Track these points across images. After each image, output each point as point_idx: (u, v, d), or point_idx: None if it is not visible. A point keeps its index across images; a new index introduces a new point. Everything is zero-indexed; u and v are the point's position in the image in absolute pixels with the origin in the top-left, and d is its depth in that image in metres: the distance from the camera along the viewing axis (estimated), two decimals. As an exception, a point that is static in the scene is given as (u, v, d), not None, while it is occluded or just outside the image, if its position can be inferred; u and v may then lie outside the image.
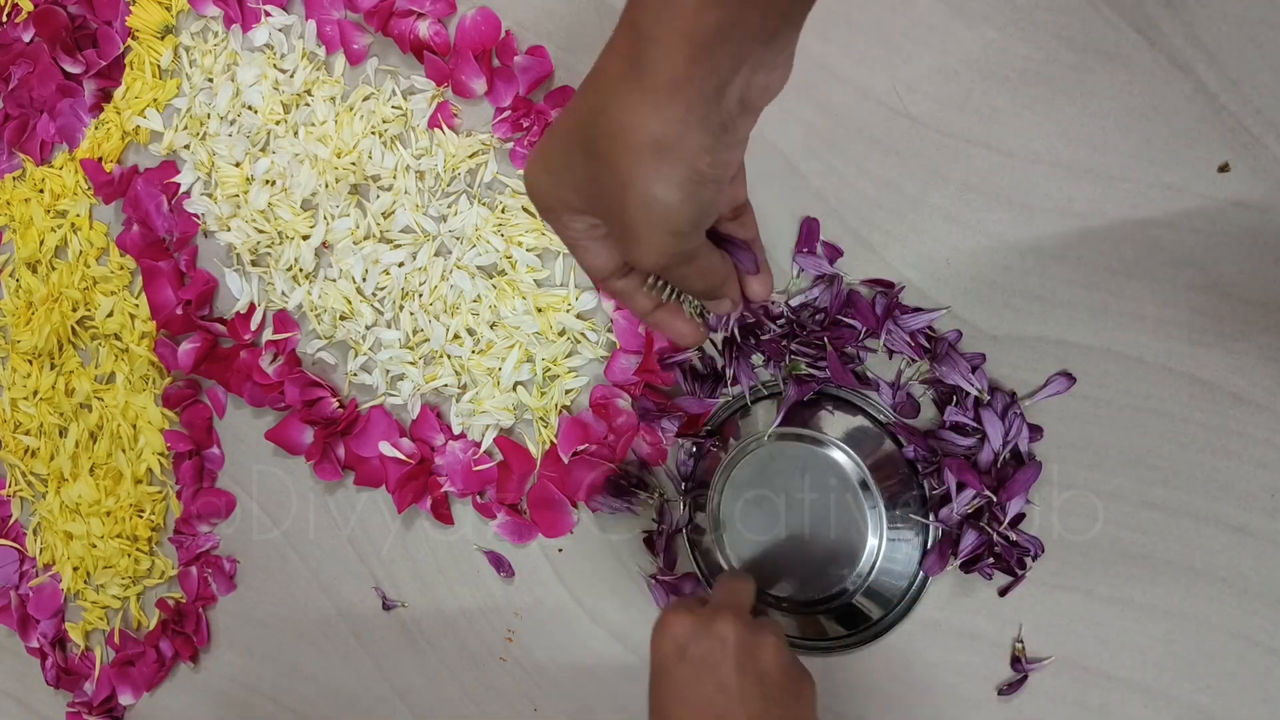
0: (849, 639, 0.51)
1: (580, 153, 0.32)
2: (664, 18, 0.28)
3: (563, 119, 0.33)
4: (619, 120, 0.30)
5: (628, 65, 0.29)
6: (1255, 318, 0.45)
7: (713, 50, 0.28)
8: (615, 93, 0.30)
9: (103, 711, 0.71)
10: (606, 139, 0.30)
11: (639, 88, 0.29)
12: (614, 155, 0.30)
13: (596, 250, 0.36)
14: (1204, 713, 0.46)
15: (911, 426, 0.50)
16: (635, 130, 0.29)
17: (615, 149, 0.30)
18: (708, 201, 0.32)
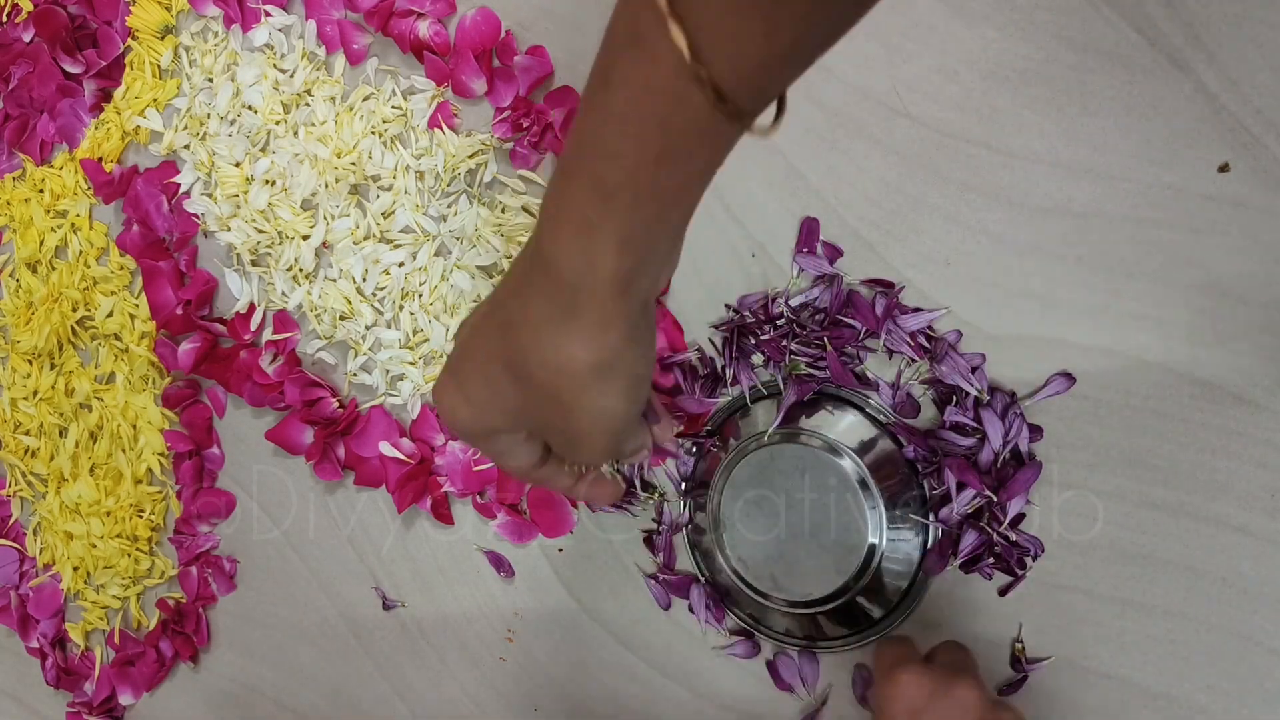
0: (849, 638, 0.51)
1: (510, 383, 0.34)
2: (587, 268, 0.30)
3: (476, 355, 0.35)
4: (557, 357, 0.32)
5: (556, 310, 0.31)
6: (1255, 318, 0.45)
7: (632, 283, 0.31)
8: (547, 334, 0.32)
9: (103, 711, 0.71)
10: (545, 371, 0.32)
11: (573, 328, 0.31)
12: (556, 384, 0.32)
13: (518, 454, 0.38)
14: (1204, 713, 0.46)
15: (911, 426, 0.50)
16: (575, 361, 0.32)
17: (557, 379, 0.32)
18: (644, 394, 0.35)
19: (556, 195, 0.30)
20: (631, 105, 0.26)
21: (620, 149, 0.27)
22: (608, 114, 0.27)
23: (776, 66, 0.26)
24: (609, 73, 0.27)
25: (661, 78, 0.26)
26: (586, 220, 0.29)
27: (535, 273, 0.31)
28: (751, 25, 0.25)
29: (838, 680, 0.52)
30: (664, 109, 0.26)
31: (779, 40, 0.25)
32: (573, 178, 0.29)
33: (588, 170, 0.28)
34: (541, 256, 0.31)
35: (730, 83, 0.25)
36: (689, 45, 0.24)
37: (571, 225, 0.29)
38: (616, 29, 0.27)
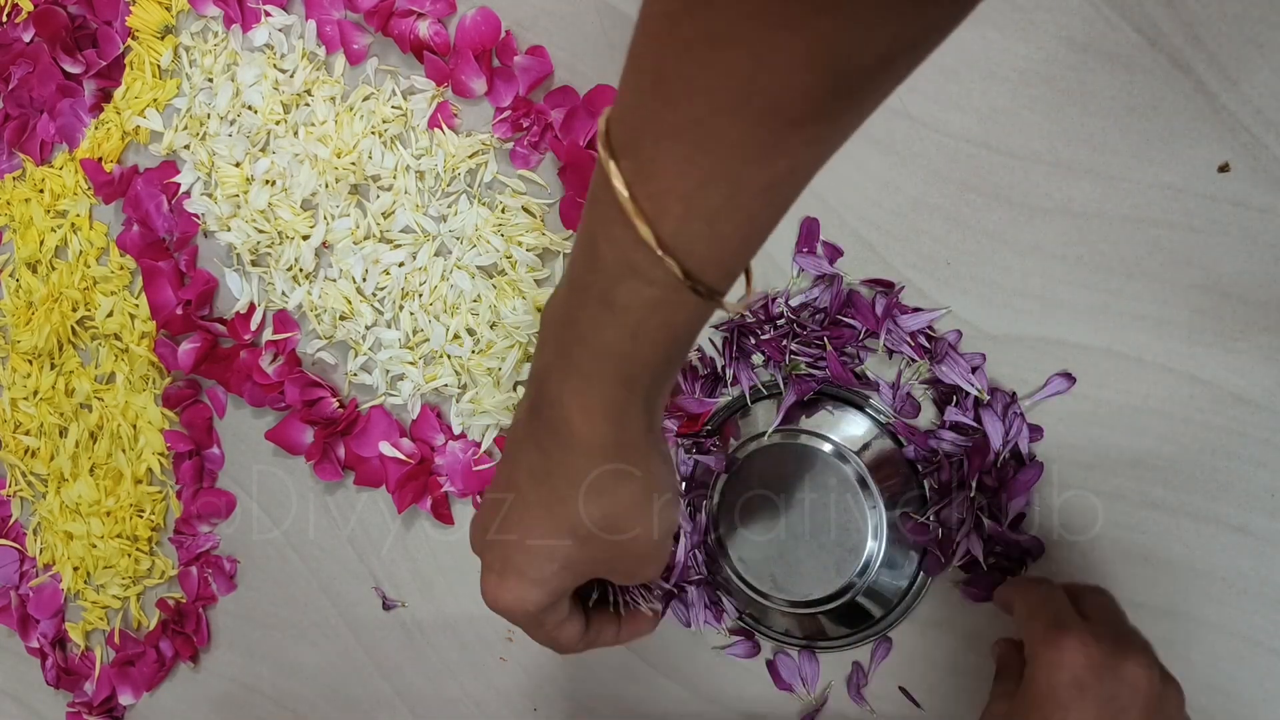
0: (849, 638, 0.51)
1: (571, 543, 0.37)
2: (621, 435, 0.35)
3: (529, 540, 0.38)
4: (617, 504, 0.36)
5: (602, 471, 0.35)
6: (1255, 318, 0.45)
7: (655, 424, 0.36)
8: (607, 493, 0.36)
9: (103, 711, 0.71)
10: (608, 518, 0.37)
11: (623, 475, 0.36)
12: (619, 524, 0.37)
13: (568, 628, 0.41)
14: (1204, 713, 0.46)
15: (912, 426, 0.50)
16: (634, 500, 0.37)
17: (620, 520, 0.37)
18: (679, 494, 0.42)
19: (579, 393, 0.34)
20: (640, 321, 0.31)
21: (636, 351, 0.32)
22: (619, 329, 0.32)
23: (750, 254, 0.31)
24: (610, 296, 0.31)
25: (661, 294, 0.30)
26: (616, 405, 0.34)
27: (570, 457, 0.35)
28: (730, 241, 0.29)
29: (838, 680, 0.52)
30: (667, 316, 0.31)
31: (754, 243, 0.31)
32: (597, 379, 0.33)
33: (611, 372, 0.33)
34: (572, 442, 0.35)
35: (716, 282, 0.30)
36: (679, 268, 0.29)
37: (601, 413, 0.34)
38: (606, 259, 0.30)
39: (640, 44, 0.27)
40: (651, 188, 0.28)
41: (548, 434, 0.35)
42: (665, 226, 0.28)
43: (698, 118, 0.26)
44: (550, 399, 0.35)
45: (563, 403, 0.34)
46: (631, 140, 0.28)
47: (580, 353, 0.33)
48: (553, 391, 0.34)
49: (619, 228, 0.29)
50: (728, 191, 0.28)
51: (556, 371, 0.34)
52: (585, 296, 0.32)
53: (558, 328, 0.34)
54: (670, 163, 0.27)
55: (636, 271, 0.30)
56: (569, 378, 0.34)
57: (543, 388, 0.35)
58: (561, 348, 0.34)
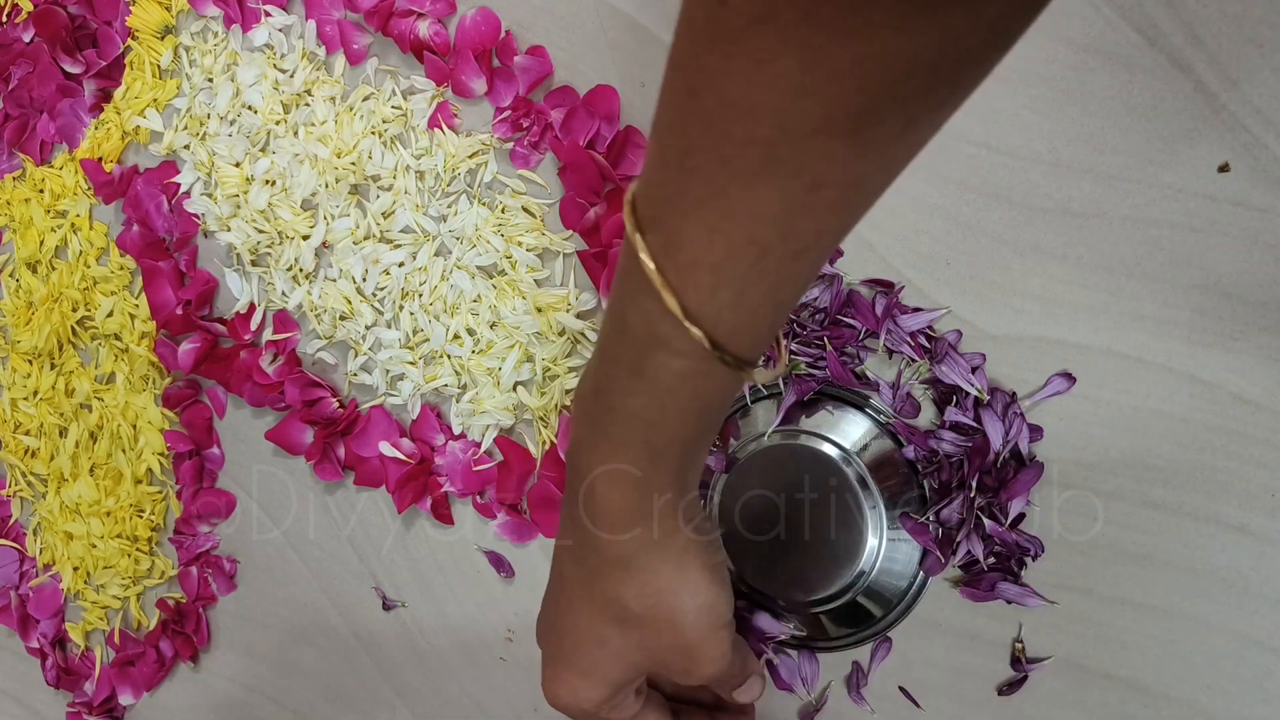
0: (849, 638, 0.51)
1: (619, 634, 0.37)
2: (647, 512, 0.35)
3: (579, 631, 0.38)
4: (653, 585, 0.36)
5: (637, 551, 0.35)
6: (1255, 318, 0.45)
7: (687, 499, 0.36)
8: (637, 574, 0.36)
9: (103, 711, 0.71)
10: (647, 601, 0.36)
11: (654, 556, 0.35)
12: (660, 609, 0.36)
13: (629, 706, 0.40)
14: (1204, 713, 0.46)
15: (912, 426, 0.50)
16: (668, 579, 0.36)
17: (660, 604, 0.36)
18: (727, 576, 0.39)
19: (607, 462, 0.33)
20: (670, 391, 0.31)
21: (664, 420, 0.32)
22: (648, 398, 0.31)
23: (779, 322, 0.31)
24: (639, 366, 0.31)
25: (690, 365, 0.30)
26: (644, 477, 0.33)
27: (598, 530, 0.35)
28: (759, 309, 0.29)
29: (838, 680, 0.52)
30: (696, 387, 0.31)
31: (783, 310, 0.30)
32: (624, 447, 0.33)
33: (638, 440, 0.33)
34: (599, 513, 0.35)
35: (745, 350, 0.30)
36: (707, 339, 0.29)
37: (628, 484, 0.34)
38: (636, 330, 0.30)
39: (662, 116, 0.27)
40: (679, 259, 0.28)
41: (580, 509, 0.35)
42: (692, 298, 0.28)
43: (721, 188, 0.26)
44: (580, 472, 0.35)
45: (592, 472, 0.34)
46: (658, 214, 0.28)
47: (609, 422, 0.33)
48: (582, 464, 0.34)
49: (647, 299, 0.29)
50: (755, 259, 0.27)
51: (586, 444, 0.34)
52: (615, 368, 0.32)
53: (588, 400, 0.34)
54: (697, 234, 0.27)
55: (664, 343, 0.30)
56: (597, 448, 0.34)
57: (576, 463, 0.35)
58: (591, 419, 0.34)
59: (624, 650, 0.37)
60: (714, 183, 0.26)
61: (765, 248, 0.27)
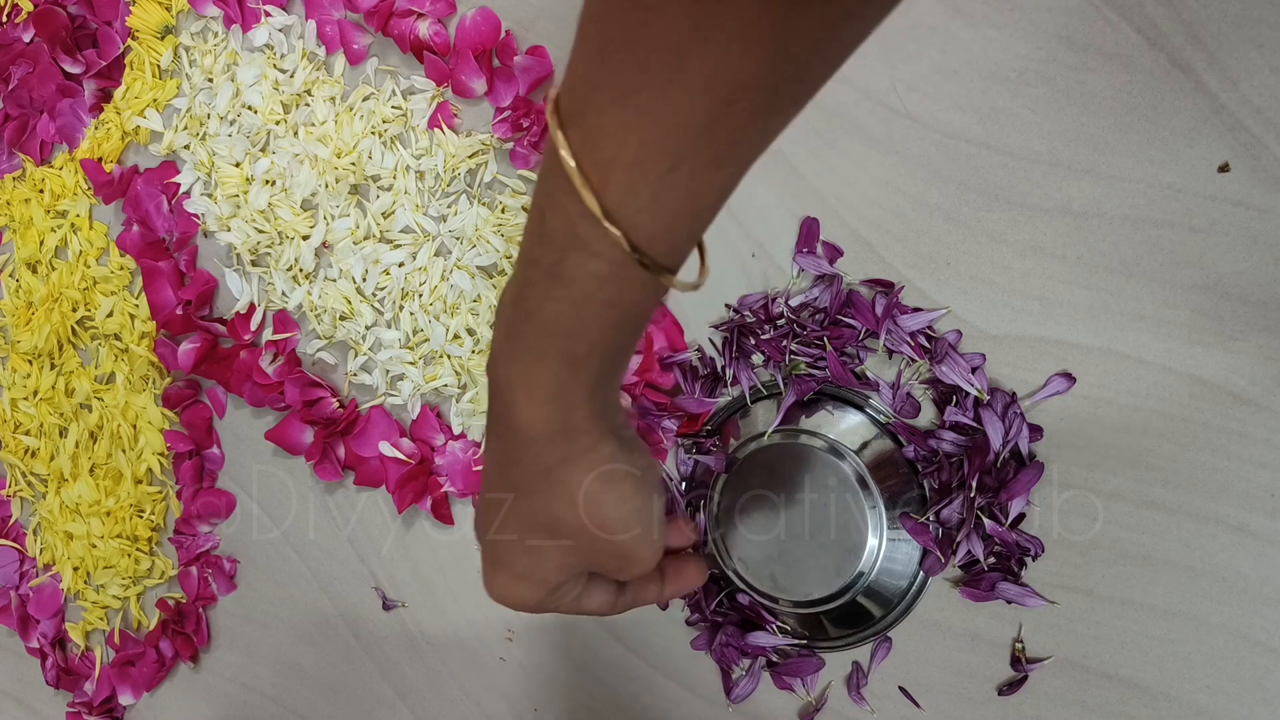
0: (849, 637, 0.51)
1: (548, 540, 0.37)
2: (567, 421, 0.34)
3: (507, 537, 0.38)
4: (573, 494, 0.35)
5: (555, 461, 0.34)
6: (1255, 318, 0.45)
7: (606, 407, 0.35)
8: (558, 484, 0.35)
9: (103, 711, 0.71)
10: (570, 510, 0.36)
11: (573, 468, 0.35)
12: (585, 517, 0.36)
13: (594, 595, 0.40)
14: (1204, 713, 0.46)
15: (912, 426, 0.50)
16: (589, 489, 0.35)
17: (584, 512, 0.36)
18: (657, 479, 0.39)
19: (524, 373, 0.33)
20: (587, 295, 0.30)
21: (582, 328, 0.31)
22: (566, 303, 0.31)
23: (699, 230, 0.31)
24: (557, 269, 0.30)
25: (608, 268, 0.30)
26: (560, 387, 0.33)
27: (518, 445, 0.34)
28: (676, 215, 0.29)
29: (838, 680, 0.52)
30: (615, 291, 0.30)
31: (701, 219, 0.30)
32: (541, 357, 0.32)
33: (555, 350, 0.32)
34: (518, 427, 0.34)
35: (664, 255, 0.30)
36: (625, 240, 0.29)
37: (544, 395, 0.33)
38: (554, 231, 0.30)
39: (586, 12, 0.27)
40: (597, 156, 0.28)
41: (500, 422, 0.35)
42: (610, 197, 0.28)
43: (637, 86, 0.26)
44: (499, 385, 0.34)
45: (510, 387, 0.33)
46: (579, 110, 0.28)
47: (527, 330, 0.32)
48: (501, 377, 0.34)
49: (566, 198, 0.29)
50: (671, 163, 0.27)
51: (504, 355, 0.33)
52: (533, 272, 0.31)
53: (508, 308, 0.33)
54: (614, 131, 0.27)
55: (583, 244, 0.29)
56: (516, 359, 0.33)
57: (494, 375, 0.34)
58: (510, 328, 0.33)
59: (557, 555, 0.37)
60: (629, 82, 0.26)
61: (679, 153, 0.27)
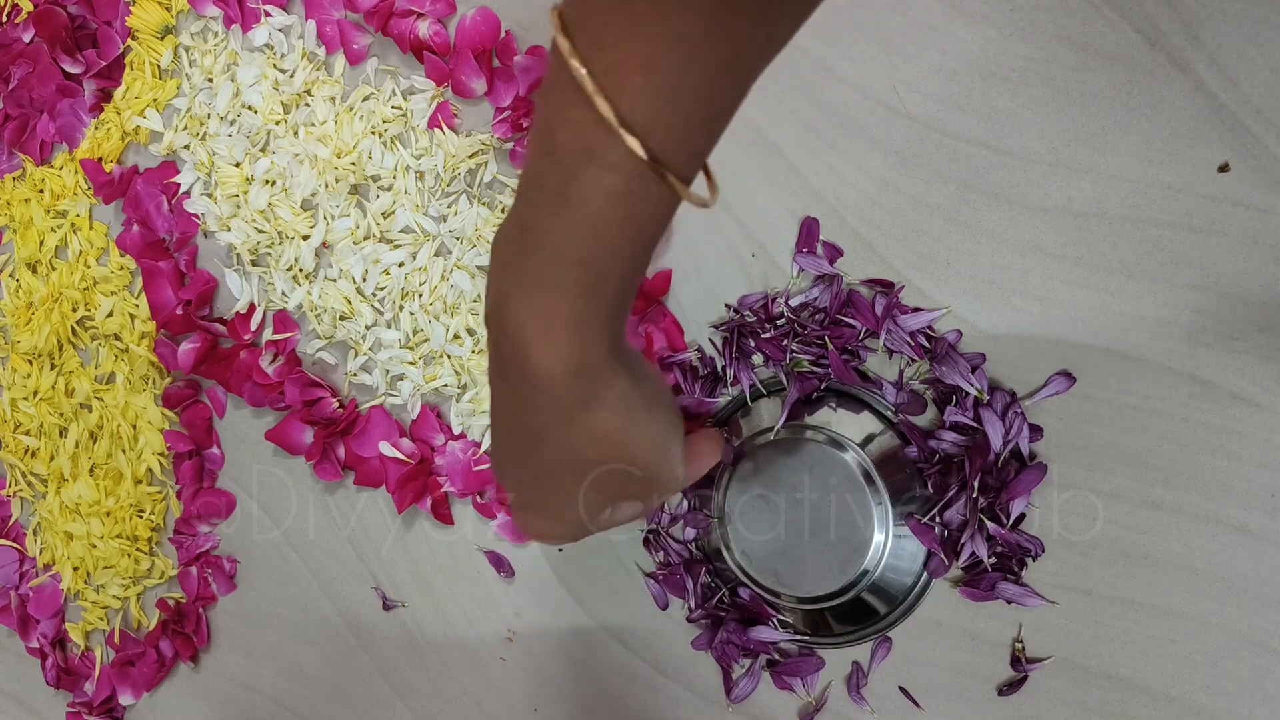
0: (853, 635, 0.51)
1: (575, 479, 0.36)
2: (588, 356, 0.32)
3: (532, 482, 0.37)
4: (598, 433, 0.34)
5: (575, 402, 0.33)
6: (1255, 318, 0.45)
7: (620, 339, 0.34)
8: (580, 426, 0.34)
9: (103, 711, 0.71)
10: (596, 449, 0.35)
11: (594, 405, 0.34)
12: (610, 453, 0.35)
13: (621, 510, 0.39)
14: (1204, 713, 0.46)
15: (915, 425, 0.50)
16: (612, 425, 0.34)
17: (609, 449, 0.35)
18: (668, 400, 0.38)
19: (538, 310, 0.31)
20: (601, 214, 0.29)
21: (597, 251, 0.30)
22: (580, 226, 0.29)
23: (711, 140, 0.30)
24: (567, 189, 0.29)
25: (623, 181, 0.28)
26: (580, 321, 0.31)
27: (536, 391, 0.33)
28: (691, 120, 0.28)
29: (838, 680, 0.52)
30: (630, 208, 0.29)
31: (714, 126, 0.29)
32: (555, 289, 0.30)
33: (570, 279, 0.30)
34: (533, 370, 0.32)
35: (680, 166, 0.28)
36: (642, 147, 0.27)
37: (562, 330, 0.31)
38: (564, 148, 0.28)
39: None
40: (607, 58, 0.27)
41: (510, 367, 0.33)
42: (624, 102, 0.27)
43: None
44: (508, 328, 0.32)
45: (522, 328, 0.31)
46: (585, 12, 0.27)
47: (537, 262, 0.30)
48: (510, 318, 0.31)
49: (576, 109, 0.27)
50: (683, 63, 0.27)
51: (513, 294, 0.31)
52: (541, 196, 0.30)
53: (511, 244, 0.31)
54: (624, 30, 0.26)
55: (596, 157, 0.28)
56: (526, 294, 0.31)
57: (500, 319, 0.32)
58: (516, 264, 0.31)
59: (592, 492, 0.37)
60: None
61: (694, 48, 0.26)
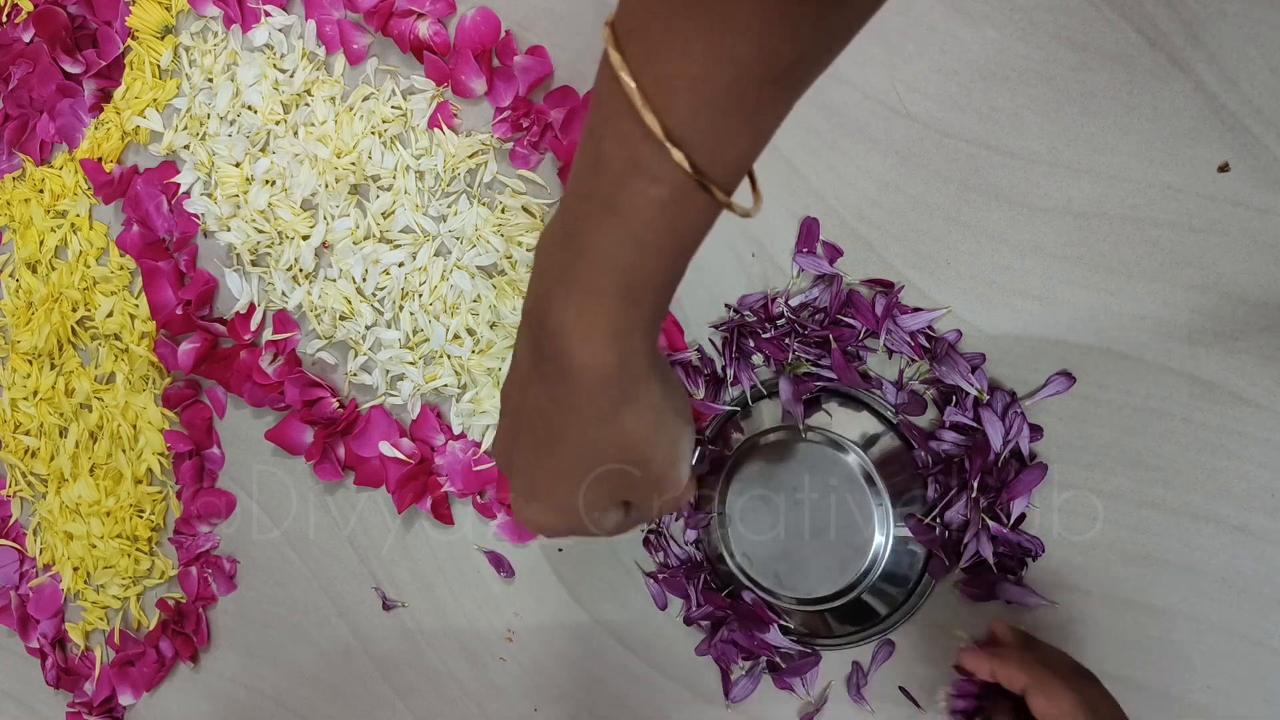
0: (853, 636, 0.51)
1: (585, 477, 0.36)
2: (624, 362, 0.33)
3: (542, 475, 0.37)
4: (624, 437, 0.35)
5: (607, 404, 0.34)
6: (1255, 318, 0.45)
7: (655, 348, 0.35)
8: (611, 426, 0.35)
9: (103, 711, 0.71)
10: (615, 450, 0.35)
11: (625, 410, 0.34)
12: (629, 457, 0.36)
13: (608, 519, 0.40)
14: (1204, 713, 0.46)
15: (916, 425, 0.50)
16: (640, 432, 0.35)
17: (629, 453, 0.35)
18: (689, 407, 0.38)
19: (580, 313, 0.32)
20: (646, 224, 0.30)
21: (640, 260, 0.31)
22: (624, 235, 0.30)
23: (756, 151, 0.30)
24: (614, 199, 0.30)
25: (668, 193, 0.29)
26: (620, 327, 0.32)
27: (573, 391, 0.34)
28: (738, 136, 0.29)
29: (838, 680, 0.52)
30: (674, 220, 0.30)
31: (759, 139, 0.30)
32: (598, 294, 0.31)
33: (612, 285, 0.31)
34: (573, 370, 0.33)
35: (725, 178, 0.29)
36: (688, 161, 0.28)
37: (602, 335, 0.32)
38: (611, 159, 0.29)
39: None
40: (658, 70, 0.28)
41: (549, 365, 0.34)
42: (672, 117, 0.28)
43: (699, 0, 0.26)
44: (550, 328, 0.33)
45: (564, 330, 0.32)
46: (638, 26, 0.28)
47: (582, 269, 0.31)
48: (553, 319, 0.33)
49: (626, 122, 0.28)
50: (734, 77, 0.27)
51: (557, 296, 0.32)
52: (587, 205, 0.31)
53: (556, 248, 0.32)
54: (676, 44, 0.27)
55: (642, 169, 0.29)
56: (570, 298, 0.32)
57: (542, 318, 0.33)
58: (561, 268, 0.32)
59: (595, 489, 0.37)
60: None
61: (743, 66, 0.27)
